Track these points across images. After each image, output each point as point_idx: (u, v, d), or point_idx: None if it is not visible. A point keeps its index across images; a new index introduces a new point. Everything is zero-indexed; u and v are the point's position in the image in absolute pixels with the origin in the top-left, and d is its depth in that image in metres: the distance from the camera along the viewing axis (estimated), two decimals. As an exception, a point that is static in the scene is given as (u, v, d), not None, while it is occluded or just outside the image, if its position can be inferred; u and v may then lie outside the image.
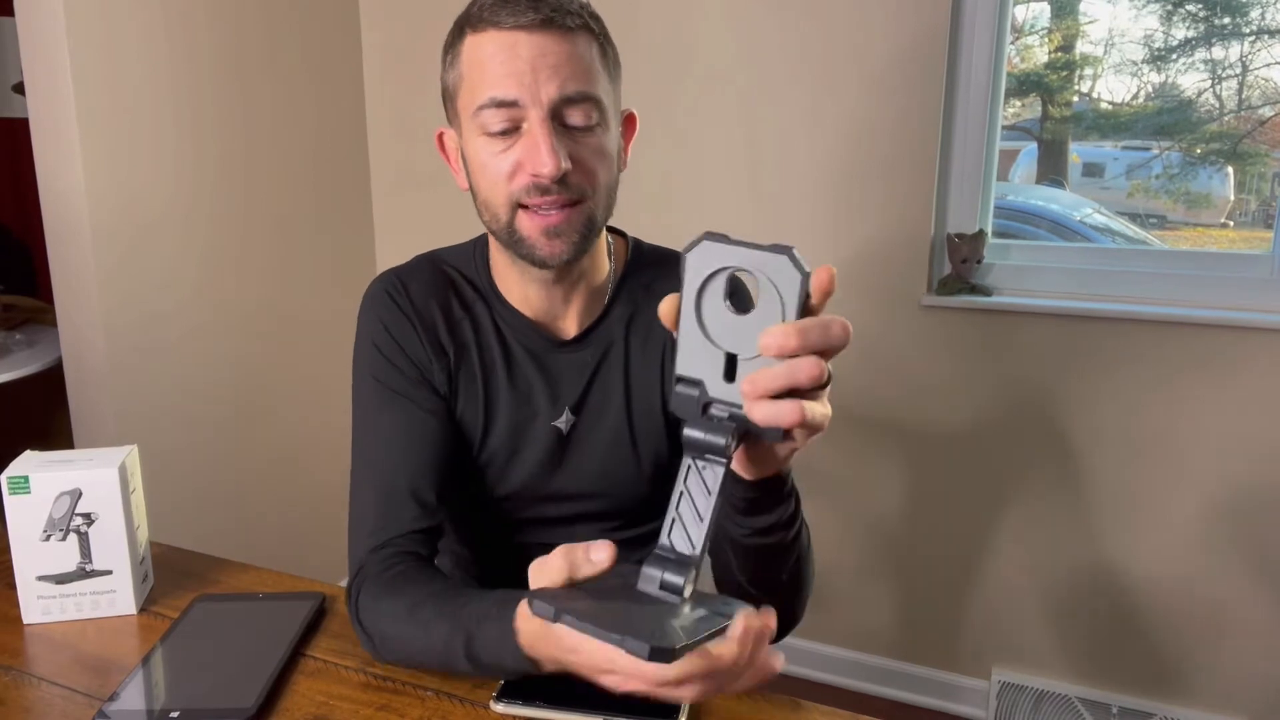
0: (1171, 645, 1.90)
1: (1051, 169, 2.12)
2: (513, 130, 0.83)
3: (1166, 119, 1.92)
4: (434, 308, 0.95)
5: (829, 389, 0.59)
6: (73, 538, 0.93)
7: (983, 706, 2.08)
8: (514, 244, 0.87)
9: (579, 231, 0.86)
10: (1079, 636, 1.98)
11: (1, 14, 2.50)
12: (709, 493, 0.59)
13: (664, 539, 0.60)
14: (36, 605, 0.93)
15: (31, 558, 0.92)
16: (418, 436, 0.92)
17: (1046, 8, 2.01)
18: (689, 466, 0.59)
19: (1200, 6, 1.83)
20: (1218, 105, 1.88)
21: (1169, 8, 1.86)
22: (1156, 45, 1.88)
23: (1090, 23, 1.97)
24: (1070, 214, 2.13)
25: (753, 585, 0.83)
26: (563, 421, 0.96)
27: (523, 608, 0.71)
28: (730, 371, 0.58)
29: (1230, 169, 1.91)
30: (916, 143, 1.90)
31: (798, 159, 2.00)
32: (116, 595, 0.95)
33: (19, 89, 2.58)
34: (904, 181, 1.92)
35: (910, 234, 1.94)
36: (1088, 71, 2.02)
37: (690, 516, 0.60)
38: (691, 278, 0.58)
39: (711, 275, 0.57)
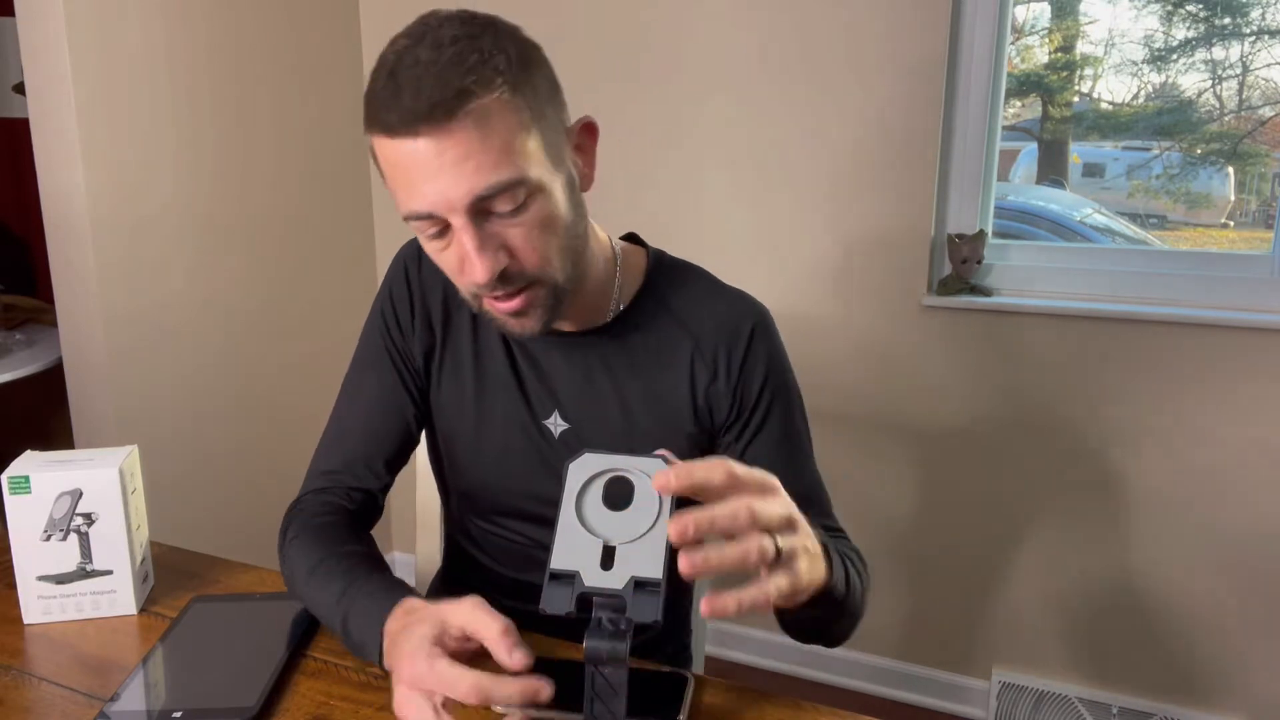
0: (1172, 645, 1.90)
1: (1052, 169, 2.12)
2: (446, 228, 0.78)
3: (1167, 119, 1.92)
4: (437, 287, 0.97)
5: (784, 563, 0.64)
6: (73, 538, 0.93)
7: (983, 706, 2.08)
8: (488, 319, 0.87)
9: (543, 305, 0.83)
10: (1079, 636, 1.98)
11: (1, 14, 2.50)
12: (616, 692, 0.64)
13: None
14: (37, 605, 0.93)
15: (32, 558, 0.92)
16: (390, 403, 0.97)
17: (1046, 8, 2.01)
18: (593, 675, 0.64)
19: (1200, 7, 1.83)
20: (1218, 105, 1.88)
21: (1169, 8, 1.86)
22: (1157, 45, 1.88)
23: (1090, 23, 1.97)
24: (1070, 214, 2.13)
25: (807, 636, 0.88)
26: (552, 422, 0.95)
27: (398, 608, 0.75)
28: (608, 560, 0.63)
29: (1230, 169, 1.91)
30: (916, 143, 1.90)
31: (798, 159, 2.00)
32: (117, 595, 0.95)
33: (19, 89, 2.58)
34: (904, 181, 1.92)
35: (910, 234, 1.94)
36: (1088, 72, 2.02)
37: (605, 716, 0.65)
38: (573, 482, 0.65)
39: (592, 478, 0.65)
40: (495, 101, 0.73)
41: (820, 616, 0.80)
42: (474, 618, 0.67)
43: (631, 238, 1.01)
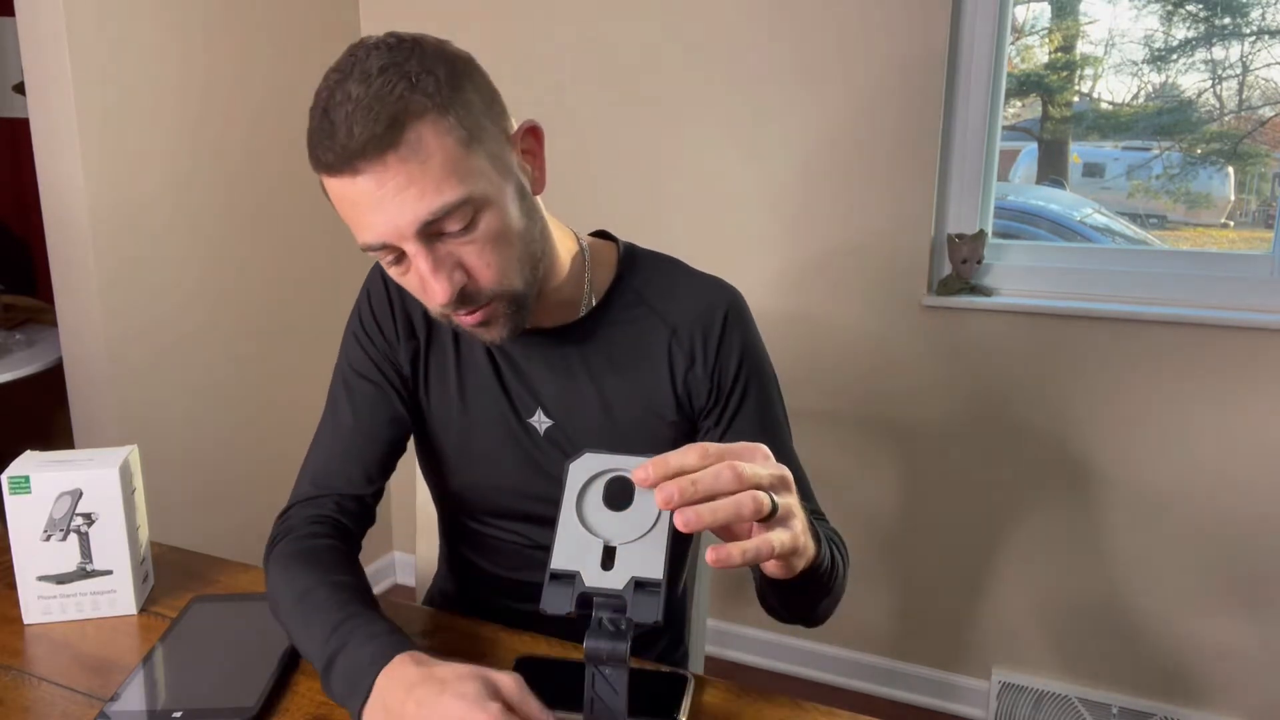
0: (1171, 645, 1.90)
1: (1051, 169, 2.12)
2: (402, 254, 0.79)
3: (1167, 119, 1.92)
4: None
5: (779, 522, 0.65)
6: (73, 538, 0.93)
7: (983, 706, 2.08)
8: (460, 331, 0.88)
9: (506, 315, 0.84)
10: (1079, 636, 1.98)
11: (1, 14, 2.50)
12: (617, 693, 0.64)
13: None
14: (37, 605, 0.93)
15: (32, 558, 0.92)
16: (379, 409, 0.97)
17: (1046, 8, 2.01)
18: (593, 675, 0.64)
19: (1200, 7, 1.83)
20: (1218, 105, 1.88)
21: (1169, 8, 1.86)
22: (1157, 45, 1.88)
23: (1090, 23, 1.97)
24: (1070, 214, 2.13)
25: (793, 614, 0.87)
26: (536, 420, 0.96)
27: (403, 656, 0.71)
28: (609, 560, 0.63)
29: (1230, 169, 1.91)
30: (916, 143, 1.90)
31: (797, 159, 2.00)
32: (117, 595, 0.95)
33: (19, 89, 2.58)
34: (904, 181, 1.92)
35: (910, 234, 1.94)
36: (1088, 71, 2.02)
37: (605, 716, 0.64)
38: (573, 481, 0.65)
39: (592, 478, 0.65)
40: (428, 125, 0.73)
41: (808, 594, 0.81)
42: (526, 699, 0.66)
43: (601, 234, 1.01)
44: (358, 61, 0.74)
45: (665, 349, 0.94)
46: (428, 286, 0.78)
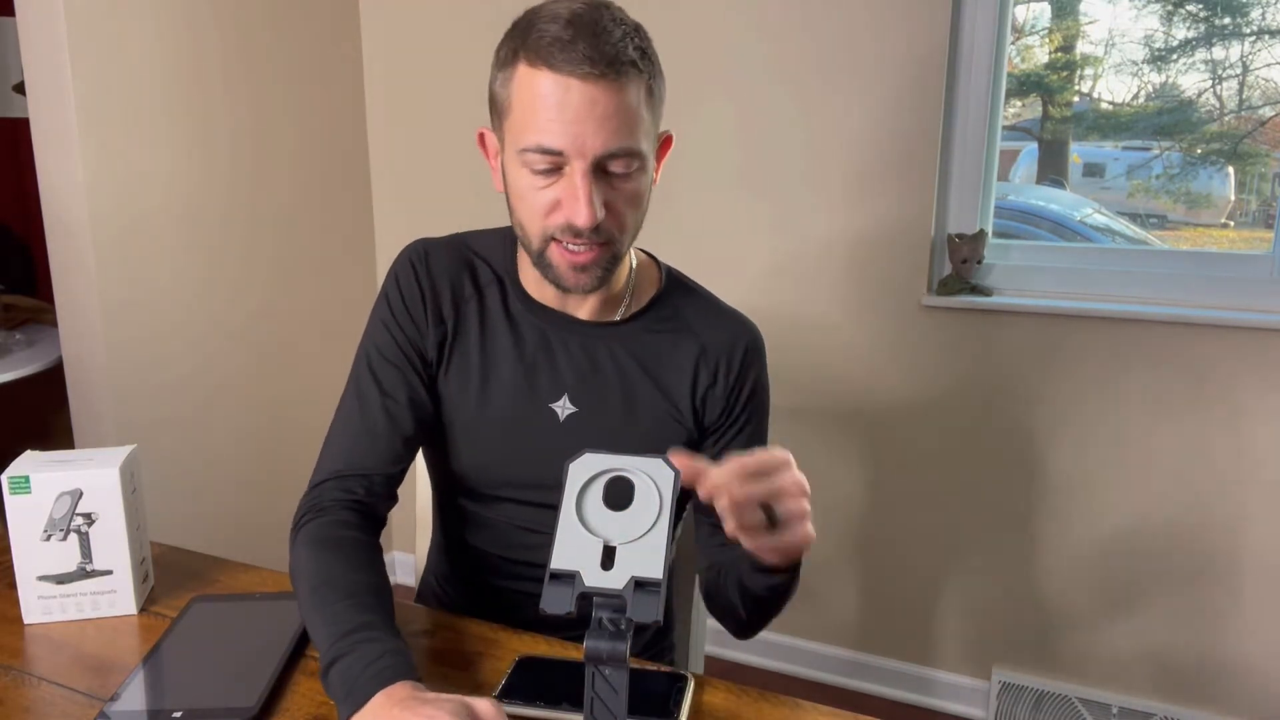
0: (1173, 645, 1.90)
1: (1052, 169, 2.12)
2: (554, 170, 0.86)
3: (1167, 119, 1.92)
4: (445, 281, 1.02)
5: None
6: (73, 538, 0.93)
7: (983, 706, 2.08)
8: (542, 267, 0.93)
9: (603, 267, 0.92)
10: (1079, 636, 1.98)
11: (1, 14, 2.50)
12: (616, 692, 0.64)
13: None
14: (37, 605, 0.93)
15: (32, 558, 0.92)
16: (405, 389, 0.99)
17: (1047, 8, 2.01)
18: (594, 674, 0.64)
19: (1200, 6, 1.83)
20: (1218, 105, 1.88)
21: (1169, 8, 1.86)
22: (1157, 45, 1.88)
23: (1090, 23, 1.97)
24: (1070, 214, 2.13)
25: (746, 613, 0.95)
26: (560, 405, 0.99)
27: (402, 685, 0.71)
28: (608, 560, 0.64)
29: (1230, 169, 1.91)
30: (916, 143, 1.90)
31: (798, 159, 2.00)
32: (117, 595, 0.95)
33: (19, 89, 2.58)
34: (904, 181, 1.92)
35: (910, 234, 1.94)
36: (1088, 71, 2.02)
37: (605, 716, 0.65)
38: (573, 481, 0.66)
39: (592, 478, 0.66)
40: (645, 84, 0.87)
41: (770, 601, 0.90)
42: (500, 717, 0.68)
43: (643, 253, 1.08)
44: (601, 8, 0.85)
45: (693, 362, 1.01)
46: (573, 206, 0.85)
